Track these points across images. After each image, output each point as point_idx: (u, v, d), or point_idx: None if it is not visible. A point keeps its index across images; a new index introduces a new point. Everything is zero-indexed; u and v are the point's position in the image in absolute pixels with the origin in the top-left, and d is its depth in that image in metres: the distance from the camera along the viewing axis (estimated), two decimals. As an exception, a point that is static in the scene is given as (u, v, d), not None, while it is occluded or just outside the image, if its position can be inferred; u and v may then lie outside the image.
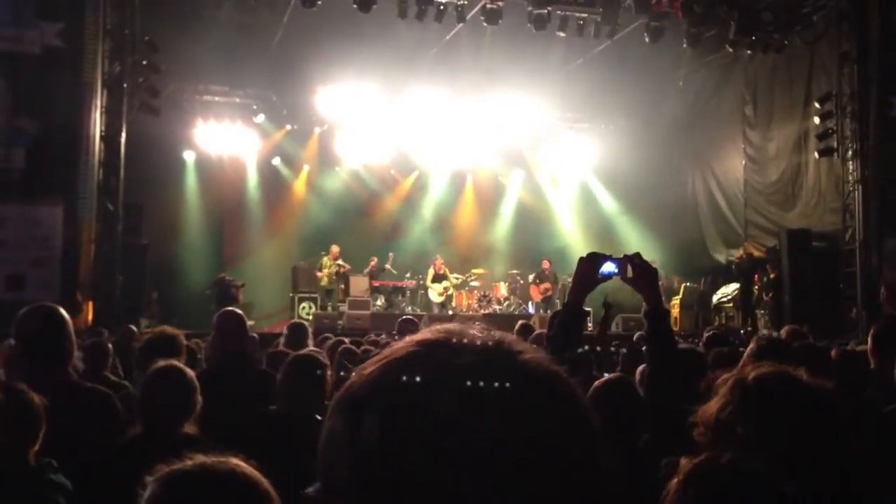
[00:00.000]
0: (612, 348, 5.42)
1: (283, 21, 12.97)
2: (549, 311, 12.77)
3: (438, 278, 14.53)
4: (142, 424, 2.66)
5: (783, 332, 5.37)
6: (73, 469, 2.21)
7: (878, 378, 3.06)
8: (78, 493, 2.15)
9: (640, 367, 3.30)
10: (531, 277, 14.81)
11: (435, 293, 14.49)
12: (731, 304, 14.63)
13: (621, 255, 2.46)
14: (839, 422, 1.23)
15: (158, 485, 1.23)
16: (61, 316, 2.79)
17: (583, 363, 3.50)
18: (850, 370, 3.32)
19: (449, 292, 14.57)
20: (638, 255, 2.46)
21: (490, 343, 0.78)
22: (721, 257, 15.94)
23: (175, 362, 2.87)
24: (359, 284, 14.35)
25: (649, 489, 1.34)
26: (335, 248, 14.21)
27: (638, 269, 2.42)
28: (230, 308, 4.53)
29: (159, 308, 13.13)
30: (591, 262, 2.41)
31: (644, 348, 3.06)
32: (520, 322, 6.91)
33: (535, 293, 14.56)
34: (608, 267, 2.40)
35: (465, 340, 0.77)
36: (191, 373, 2.75)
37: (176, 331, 3.82)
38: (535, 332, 5.43)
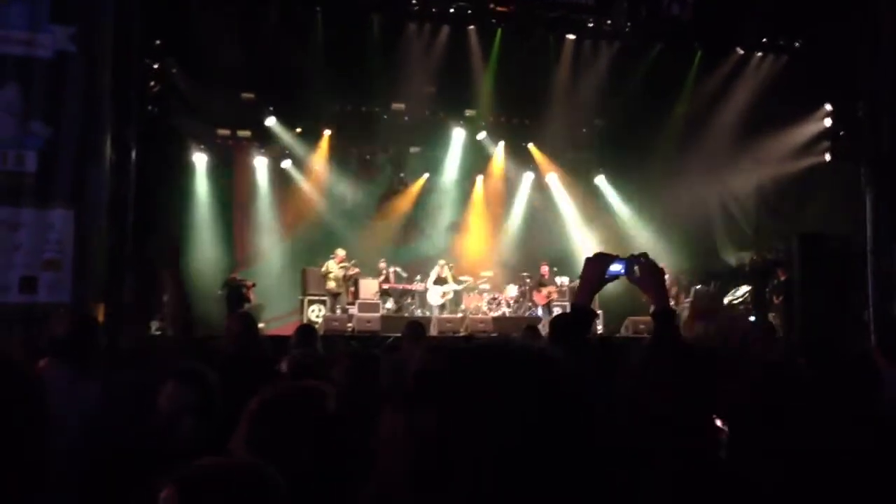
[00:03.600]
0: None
1: (294, 23, 13.03)
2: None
3: (440, 281, 14.56)
4: None
5: None
6: None
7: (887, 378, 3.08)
8: None
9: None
10: (533, 282, 14.82)
11: (436, 295, 14.49)
12: (742, 307, 14.56)
13: (628, 256, 2.46)
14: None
15: (176, 484, 1.21)
16: (93, 320, 2.86)
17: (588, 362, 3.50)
18: (861, 372, 3.33)
19: (449, 296, 14.57)
20: (644, 254, 2.47)
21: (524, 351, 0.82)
22: (731, 260, 15.87)
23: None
24: (368, 287, 14.37)
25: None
26: (340, 252, 14.21)
27: (644, 269, 2.42)
28: (240, 311, 4.56)
29: (170, 310, 13.19)
30: (598, 263, 2.42)
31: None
32: (526, 325, 6.93)
33: (539, 298, 14.53)
34: (615, 267, 2.41)
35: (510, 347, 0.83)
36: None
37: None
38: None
